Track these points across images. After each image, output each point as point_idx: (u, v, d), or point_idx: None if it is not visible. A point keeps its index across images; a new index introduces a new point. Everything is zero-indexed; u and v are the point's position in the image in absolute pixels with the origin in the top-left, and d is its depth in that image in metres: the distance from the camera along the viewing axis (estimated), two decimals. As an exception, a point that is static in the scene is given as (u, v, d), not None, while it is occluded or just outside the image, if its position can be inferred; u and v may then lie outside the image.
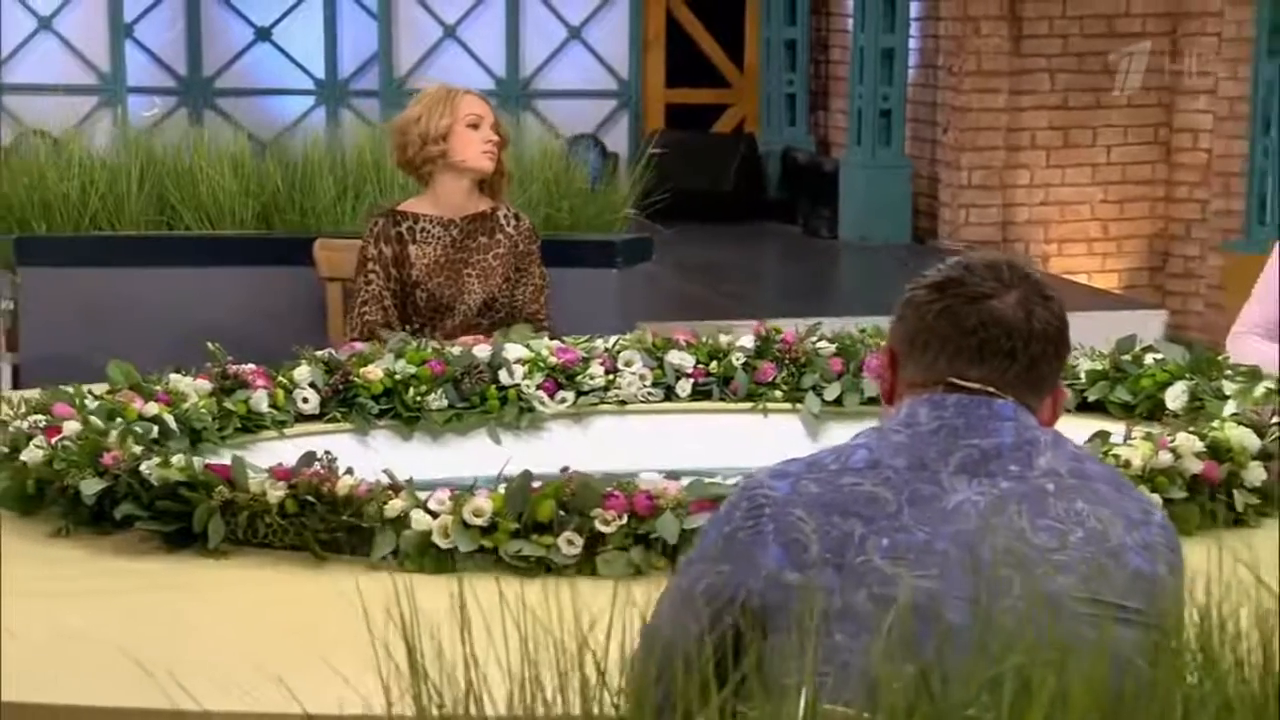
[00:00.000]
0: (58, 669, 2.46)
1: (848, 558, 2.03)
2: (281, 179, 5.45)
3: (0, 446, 3.15)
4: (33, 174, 5.20)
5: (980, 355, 2.13)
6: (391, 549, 2.80)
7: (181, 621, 2.69)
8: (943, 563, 2.02)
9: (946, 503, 2.06)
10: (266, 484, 2.86)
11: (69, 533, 2.95)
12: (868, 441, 2.15)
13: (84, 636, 2.58)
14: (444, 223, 4.58)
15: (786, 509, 2.08)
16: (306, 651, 2.52)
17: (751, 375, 3.98)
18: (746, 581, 2.07)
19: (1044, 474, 2.09)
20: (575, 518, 2.78)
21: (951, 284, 2.17)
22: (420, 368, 3.83)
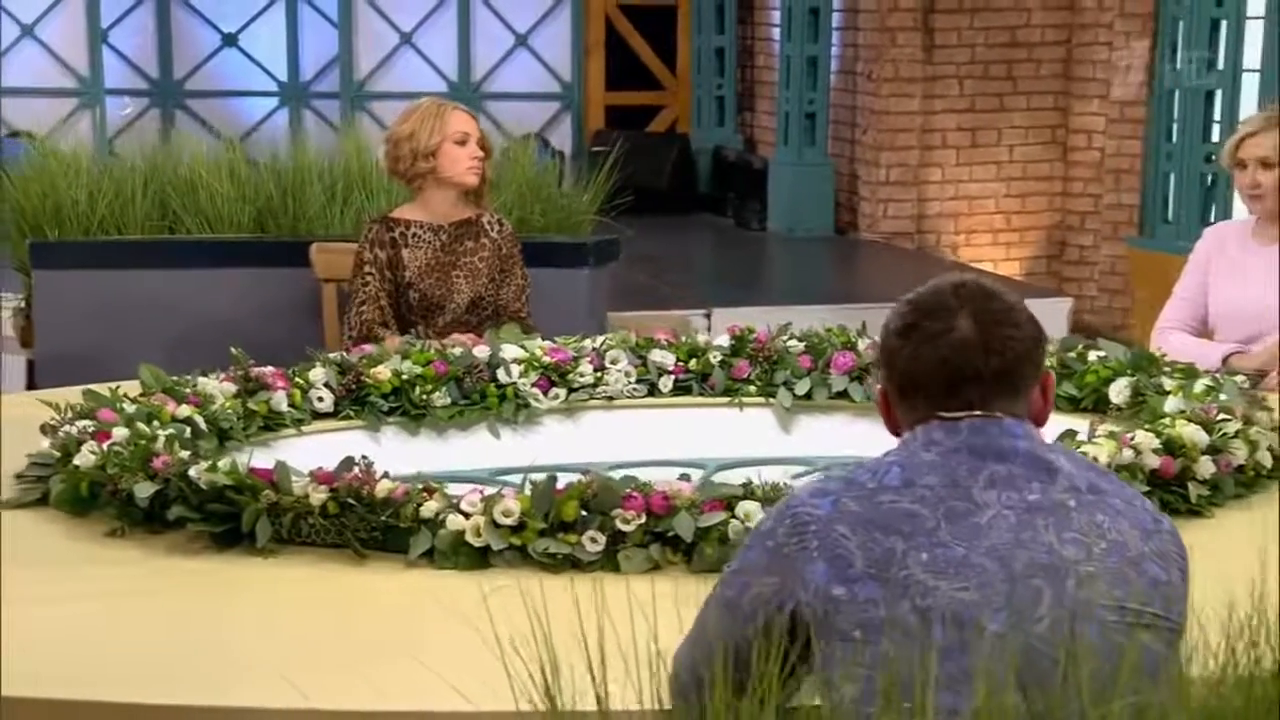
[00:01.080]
0: (125, 667, 2.42)
1: (891, 572, 2.00)
2: (275, 186, 5.39)
3: (52, 451, 3.10)
4: (44, 182, 5.12)
5: (953, 388, 2.10)
6: (427, 548, 2.76)
7: (239, 619, 2.67)
8: (980, 575, 2.00)
9: (980, 518, 2.03)
10: (310, 487, 2.81)
11: (124, 533, 2.90)
12: (899, 460, 2.11)
13: (149, 635, 2.56)
14: (433, 228, 4.55)
15: (830, 526, 2.05)
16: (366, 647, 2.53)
17: (728, 372, 3.97)
18: (795, 593, 2.04)
19: (1065, 489, 2.07)
20: (597, 517, 2.76)
21: (909, 329, 2.12)
22: (425, 368, 3.81)
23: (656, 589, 2.60)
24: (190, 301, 5.09)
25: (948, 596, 1.97)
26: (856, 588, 2.00)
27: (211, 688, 2.36)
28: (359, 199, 5.39)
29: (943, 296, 2.11)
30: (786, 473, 3.68)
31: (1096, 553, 2.02)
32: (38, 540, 2.93)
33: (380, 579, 2.75)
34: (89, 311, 5.00)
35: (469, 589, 2.68)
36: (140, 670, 2.40)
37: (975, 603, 1.97)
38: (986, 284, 2.16)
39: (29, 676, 2.32)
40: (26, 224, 5.13)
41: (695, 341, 4.05)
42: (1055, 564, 2.00)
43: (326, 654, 2.50)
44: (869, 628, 1.98)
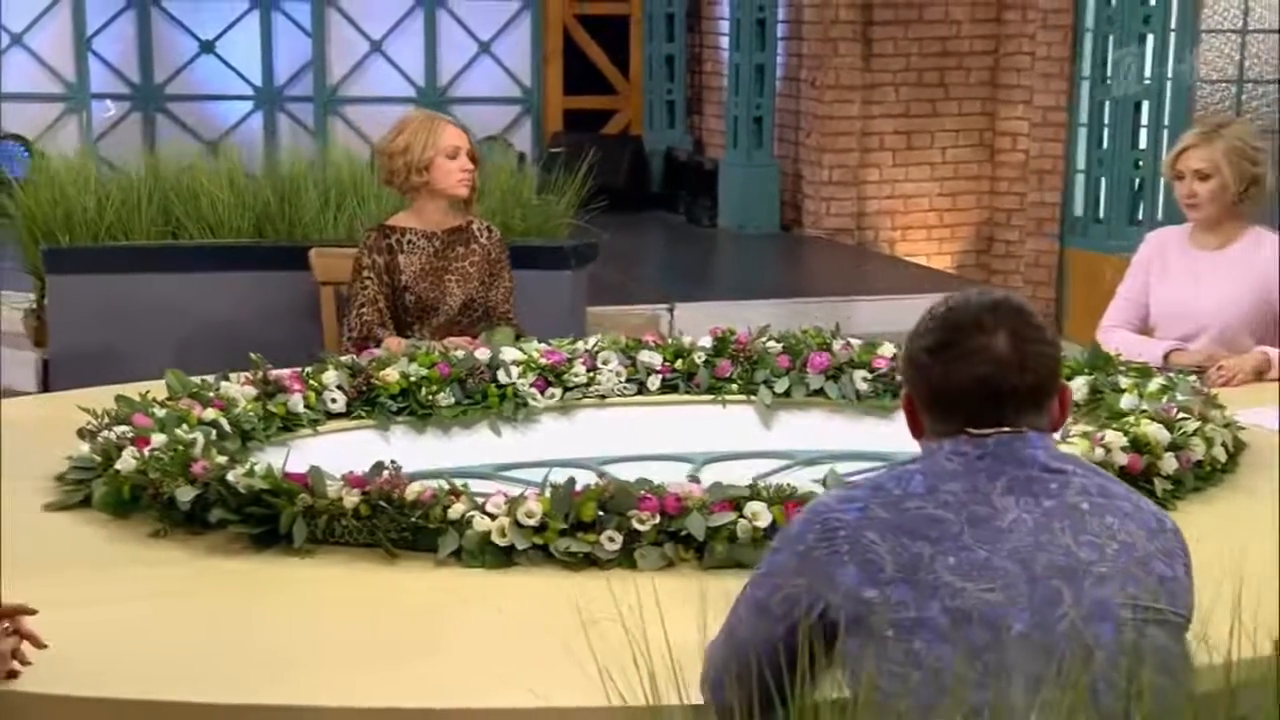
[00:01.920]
0: (178, 666, 2.39)
1: (919, 575, 1.98)
2: (271, 192, 5.35)
3: (93, 455, 3.06)
4: (55, 190, 5.06)
5: (988, 403, 2.07)
6: (455, 548, 2.73)
7: (281, 618, 2.63)
8: (1004, 577, 1.98)
9: (1001, 522, 2.02)
10: (343, 490, 2.79)
11: (166, 534, 2.87)
12: (923, 468, 2.09)
13: (199, 634, 2.53)
14: (427, 235, 4.54)
15: (860, 532, 2.02)
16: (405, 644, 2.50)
17: (711, 371, 3.96)
18: (825, 595, 2.02)
19: (1078, 493, 2.06)
20: (614, 517, 2.74)
21: (944, 346, 2.08)
22: (430, 370, 3.79)
23: (670, 585, 2.64)
24: (195, 304, 5.06)
25: (975, 598, 1.96)
26: (888, 590, 1.98)
27: (263, 686, 2.33)
28: (351, 205, 5.35)
29: (978, 314, 2.07)
30: (770, 466, 3.72)
31: (1109, 553, 2.01)
32: (84, 542, 2.89)
33: (412, 578, 2.72)
34: (99, 313, 4.95)
35: (497, 586, 2.70)
36: (192, 668, 2.37)
37: (1000, 603, 1.96)
38: (1018, 301, 2.13)
39: (87, 676, 2.29)
40: (38, 230, 5.07)
41: (680, 343, 4.04)
42: (1072, 565, 1.99)
43: (367, 651, 2.47)
44: (900, 627, 1.96)
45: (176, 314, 5.02)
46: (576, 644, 2.47)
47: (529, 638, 2.51)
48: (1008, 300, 2.12)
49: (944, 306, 2.12)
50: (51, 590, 2.46)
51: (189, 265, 5.09)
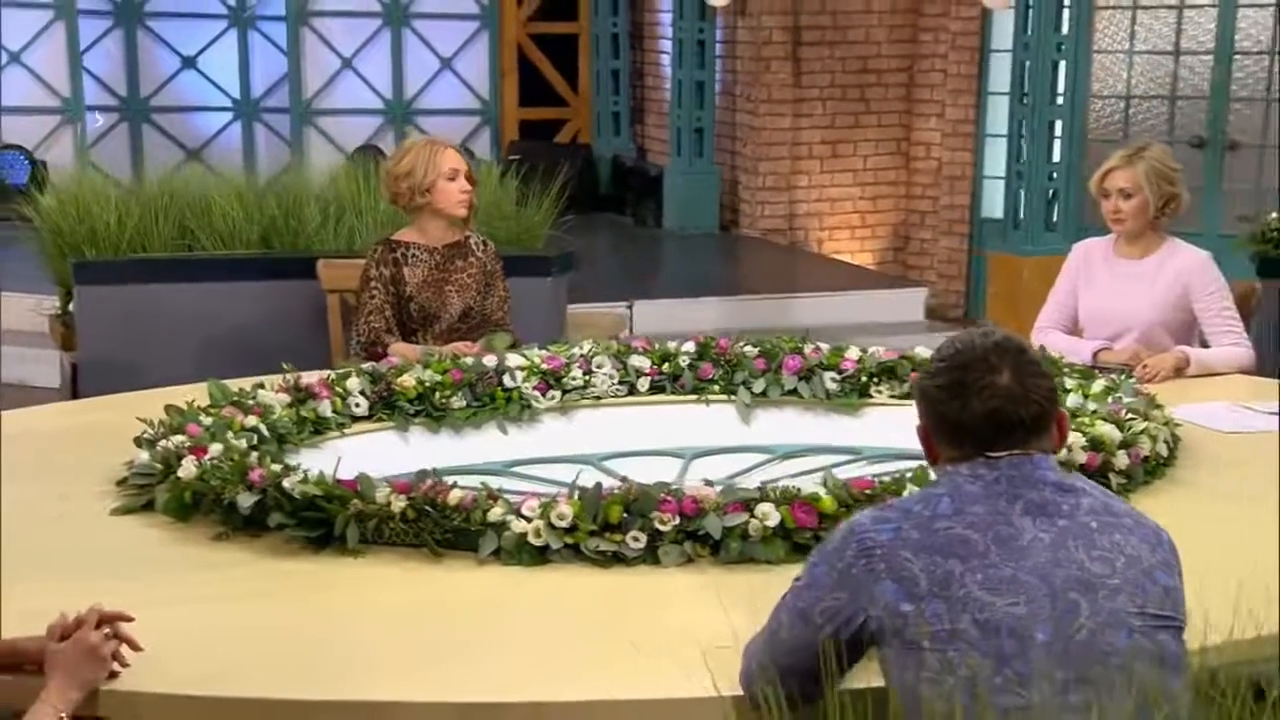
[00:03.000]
0: (257, 663, 2.36)
1: (952, 590, 1.99)
2: (277, 206, 5.29)
3: (155, 464, 3.03)
4: (79, 206, 4.99)
5: (999, 432, 2.09)
6: (495, 547, 2.71)
7: (344, 616, 2.60)
8: (1027, 591, 1.99)
9: (1022, 541, 2.03)
10: (391, 495, 2.76)
11: (228, 537, 2.83)
12: (948, 491, 2.10)
13: (270, 632, 2.49)
14: (429, 249, 4.51)
15: (895, 551, 2.04)
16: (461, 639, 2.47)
17: (695, 373, 3.95)
18: (865, 608, 2.04)
19: (1087, 512, 2.07)
20: (638, 519, 2.72)
21: (958, 386, 2.09)
22: (444, 376, 3.76)
23: (690, 580, 2.67)
24: (210, 311, 5.01)
25: (1002, 611, 1.97)
26: (923, 604, 1.99)
27: (342, 682, 2.30)
28: (350, 218, 5.31)
29: (984, 353, 2.10)
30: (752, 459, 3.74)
31: (1118, 567, 2.02)
32: (152, 545, 2.85)
33: (458, 576, 2.69)
34: (124, 321, 4.89)
35: (535, 582, 2.68)
36: (272, 665, 2.34)
37: (1025, 616, 1.97)
38: (1017, 340, 2.16)
39: (177, 675, 2.26)
40: (65, 243, 4.99)
41: (667, 348, 4.02)
42: (1087, 579, 2.00)
43: (430, 646, 2.44)
44: (936, 638, 1.97)
45: (193, 320, 4.97)
46: (618, 637, 2.50)
47: (576, 631, 2.51)
48: (1008, 339, 2.15)
49: (952, 348, 2.15)
50: (129, 593, 2.43)
51: (204, 275, 5.03)
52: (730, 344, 4.02)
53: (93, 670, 2.18)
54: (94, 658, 2.18)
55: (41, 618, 2.27)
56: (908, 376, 3.91)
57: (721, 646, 2.27)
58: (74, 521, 2.94)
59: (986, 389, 2.07)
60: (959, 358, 2.11)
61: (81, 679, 2.16)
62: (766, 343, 4.03)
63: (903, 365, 3.94)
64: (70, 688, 2.15)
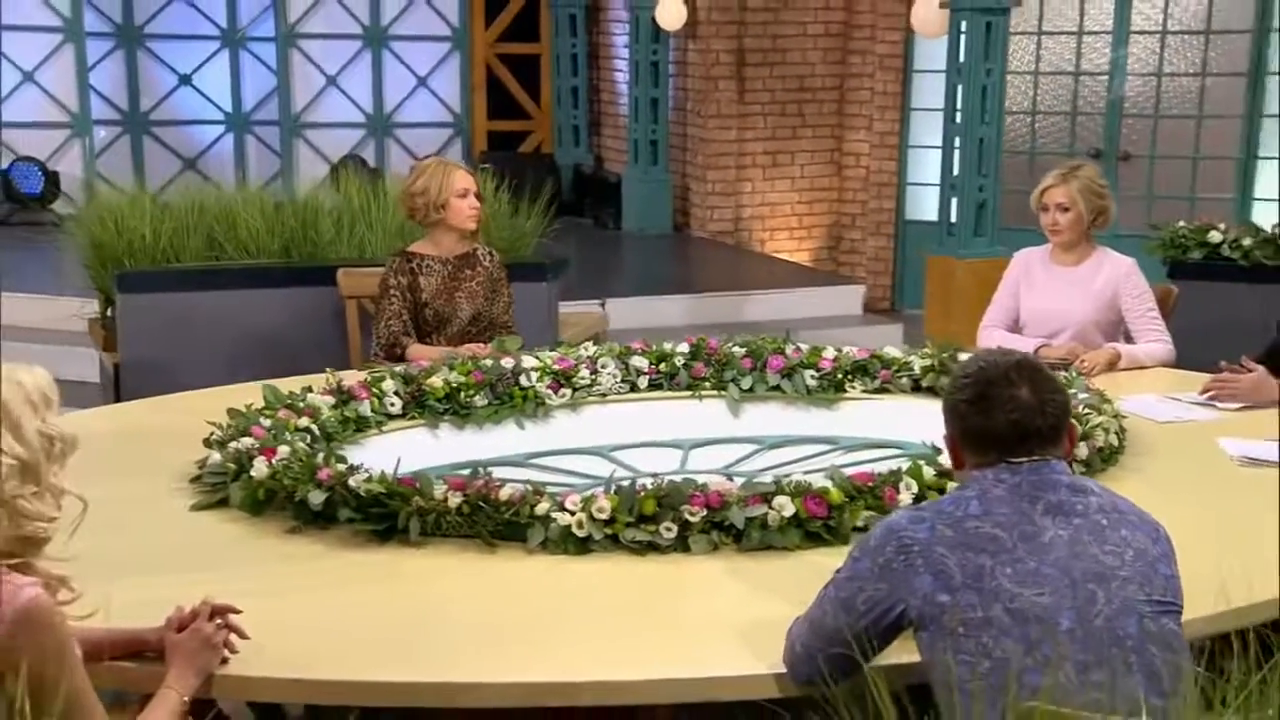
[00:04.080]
0: (349, 647, 2.36)
1: (984, 583, 2.02)
2: (295, 219, 5.25)
3: (227, 464, 3.01)
4: (117, 220, 4.93)
5: (1019, 440, 2.12)
6: (542, 538, 2.73)
7: (418, 601, 2.60)
8: (1050, 583, 2.02)
9: (1044, 538, 2.05)
10: (447, 492, 2.77)
11: (300, 530, 2.83)
12: (976, 494, 2.12)
13: (353, 618, 2.50)
14: (442, 260, 4.51)
15: (931, 548, 2.06)
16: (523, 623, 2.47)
17: (689, 372, 3.99)
18: (905, 598, 2.06)
19: (1098, 511, 2.10)
20: (670, 511, 2.74)
21: (983, 399, 2.13)
22: (467, 377, 3.78)
23: (716, 565, 2.70)
24: (237, 316, 4.97)
25: (1029, 601, 2.00)
26: (958, 595, 2.02)
27: (428, 663, 2.30)
28: (361, 228, 5.28)
29: (1004, 370, 2.14)
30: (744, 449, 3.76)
31: (1127, 559, 2.06)
32: (232, 538, 2.85)
33: (510, 564, 2.71)
34: (161, 325, 4.85)
35: (579, 570, 2.69)
36: (359, 649, 2.34)
37: (1050, 605, 2.00)
38: (1033, 360, 2.20)
39: (277, 659, 2.27)
40: (105, 254, 4.93)
41: (663, 349, 4.05)
42: (1102, 571, 2.03)
43: (496, 629, 2.46)
44: (970, 625, 2.00)
45: (223, 324, 4.93)
46: (659, 619, 2.53)
47: (621, 613, 2.53)
48: (1026, 359, 2.19)
49: (976, 366, 2.18)
50: (220, 583, 2.43)
51: (232, 283, 4.99)
52: (720, 345, 4.05)
53: (207, 658, 2.19)
54: (208, 646, 2.20)
55: (147, 608, 2.28)
56: (878, 373, 3.97)
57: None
58: (158, 517, 2.93)
59: (1008, 402, 2.11)
60: (983, 375, 2.15)
61: (198, 666, 2.18)
62: (752, 343, 4.06)
63: (873, 363, 3.99)
64: (189, 674, 2.16)
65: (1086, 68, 8.92)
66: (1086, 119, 8.96)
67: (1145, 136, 8.79)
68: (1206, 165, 8.62)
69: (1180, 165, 8.65)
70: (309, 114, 10.66)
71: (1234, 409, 3.76)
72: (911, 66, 9.31)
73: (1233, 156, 8.53)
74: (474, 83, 10.94)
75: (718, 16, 9.39)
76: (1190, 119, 8.64)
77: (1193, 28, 8.63)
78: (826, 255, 9.81)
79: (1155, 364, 4.28)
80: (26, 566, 1.95)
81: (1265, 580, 2.47)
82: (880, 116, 9.44)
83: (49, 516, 1.96)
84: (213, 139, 10.90)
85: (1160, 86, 8.74)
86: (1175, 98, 8.74)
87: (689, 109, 9.71)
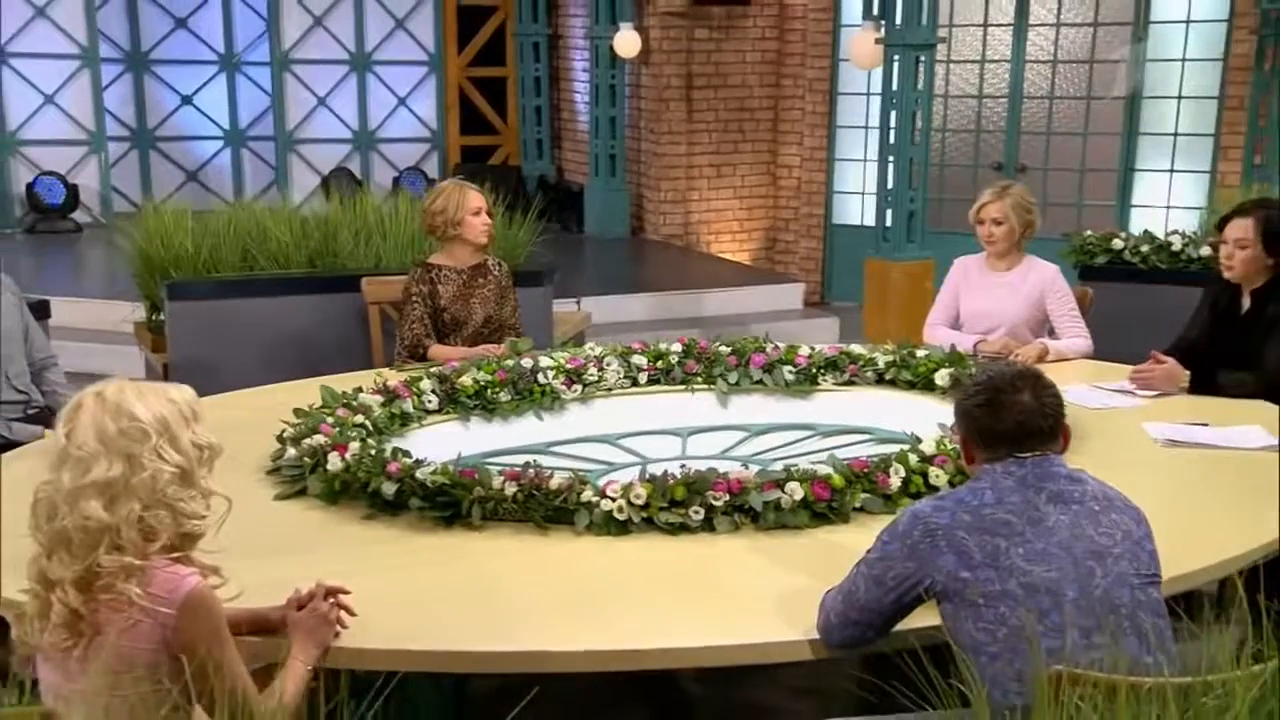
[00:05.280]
0: (434, 619, 2.38)
1: (1000, 561, 2.07)
2: (318, 232, 5.24)
3: (303, 458, 3.03)
4: (163, 234, 4.89)
5: (1024, 438, 2.18)
6: (588, 522, 2.77)
7: (484, 579, 2.61)
8: (1056, 561, 2.07)
9: (1048, 522, 2.11)
10: (503, 483, 2.81)
11: (374, 517, 2.85)
12: (989, 485, 2.16)
13: (436, 593, 2.52)
14: (457, 270, 4.53)
15: (953, 531, 2.11)
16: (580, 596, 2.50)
17: (682, 368, 4.03)
18: (931, 574, 2.11)
19: (1091, 499, 2.16)
20: (697, 496, 2.79)
21: (993, 403, 2.19)
22: (493, 376, 3.82)
23: (738, 543, 2.73)
24: (271, 320, 4.94)
25: (1040, 576, 2.05)
26: (978, 572, 2.08)
27: (507, 633, 2.31)
28: (376, 241, 5.27)
29: (1010, 379, 2.21)
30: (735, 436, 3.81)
31: (1118, 539, 2.12)
32: (315, 525, 2.85)
33: (561, 545, 2.74)
34: (205, 329, 4.82)
35: (621, 549, 2.72)
36: (447, 620, 2.35)
37: (1056, 579, 2.06)
38: (1033, 370, 2.26)
39: (380, 632, 2.29)
40: (153, 265, 4.90)
41: (659, 349, 4.09)
42: (1098, 550, 2.10)
43: (559, 603, 2.47)
44: (989, 597, 2.06)
45: (258, 327, 4.91)
46: (696, 591, 2.54)
47: (662, 586, 2.57)
48: (1027, 369, 2.27)
49: (985, 376, 2.25)
50: (315, 565, 2.46)
51: (266, 291, 4.96)
52: (709, 345, 4.10)
53: (325, 633, 2.23)
54: (325, 623, 2.23)
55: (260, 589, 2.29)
56: (846, 368, 4.04)
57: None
58: (248, 506, 2.88)
59: (1014, 406, 2.17)
60: (992, 383, 2.22)
61: (318, 639, 2.21)
62: (737, 343, 4.11)
63: (842, 359, 4.05)
64: (310, 646, 2.20)
65: (989, 91, 9.07)
66: (989, 136, 9.09)
67: (1039, 151, 8.93)
68: (1091, 176, 8.79)
69: (1069, 177, 8.81)
70: (301, 131, 10.57)
71: (1151, 396, 3.87)
72: (837, 90, 9.41)
73: (1113, 169, 8.72)
74: (448, 102, 10.91)
75: (668, 46, 9.44)
76: (1077, 136, 8.81)
77: (1079, 58, 8.81)
78: (764, 255, 9.89)
79: (1077, 356, 4.37)
80: (185, 559, 1.99)
81: (1196, 551, 2.57)
82: (810, 133, 9.52)
83: (201, 515, 2.00)
84: (212, 153, 10.79)
85: (1052, 108, 8.90)
86: (1064, 118, 8.90)
87: (643, 127, 9.74)
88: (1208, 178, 8.35)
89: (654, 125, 9.59)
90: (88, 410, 1.94)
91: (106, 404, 1.95)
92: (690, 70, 9.51)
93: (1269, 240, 3.91)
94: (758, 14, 9.49)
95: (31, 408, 3.82)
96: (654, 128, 9.59)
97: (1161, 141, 8.55)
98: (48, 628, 1.93)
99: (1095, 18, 8.63)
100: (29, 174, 9.53)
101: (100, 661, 1.89)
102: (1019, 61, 8.84)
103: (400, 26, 10.74)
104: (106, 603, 1.91)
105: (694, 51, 9.49)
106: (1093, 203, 8.66)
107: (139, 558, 1.91)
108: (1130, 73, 8.55)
